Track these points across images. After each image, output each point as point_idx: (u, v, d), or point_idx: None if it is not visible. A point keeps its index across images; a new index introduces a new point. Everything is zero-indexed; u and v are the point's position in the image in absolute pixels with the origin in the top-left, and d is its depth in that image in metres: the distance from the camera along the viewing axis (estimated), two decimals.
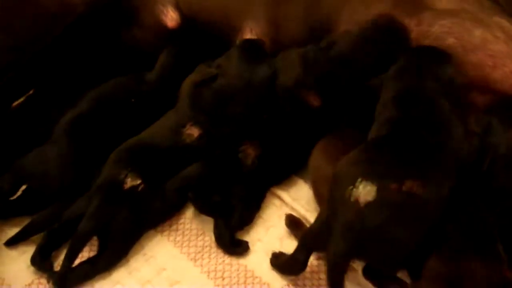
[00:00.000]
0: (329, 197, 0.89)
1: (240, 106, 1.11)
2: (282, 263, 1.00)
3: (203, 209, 1.07)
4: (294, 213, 1.09)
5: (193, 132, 1.08)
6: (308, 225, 1.04)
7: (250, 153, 1.09)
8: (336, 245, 0.84)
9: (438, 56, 1.01)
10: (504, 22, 1.07)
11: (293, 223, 1.07)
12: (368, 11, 1.13)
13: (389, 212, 0.82)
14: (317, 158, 1.09)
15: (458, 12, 1.08)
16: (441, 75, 0.98)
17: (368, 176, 0.83)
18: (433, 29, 1.08)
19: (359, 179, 0.83)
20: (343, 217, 0.84)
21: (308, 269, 0.96)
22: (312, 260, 0.99)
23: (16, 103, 1.26)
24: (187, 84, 1.14)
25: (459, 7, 1.09)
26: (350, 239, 0.83)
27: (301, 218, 1.08)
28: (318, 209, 1.07)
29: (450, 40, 1.06)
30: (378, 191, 0.82)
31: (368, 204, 0.82)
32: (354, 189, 0.83)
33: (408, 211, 0.82)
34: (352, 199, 0.83)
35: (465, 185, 0.88)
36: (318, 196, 1.08)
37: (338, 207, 0.85)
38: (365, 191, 0.82)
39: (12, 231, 1.07)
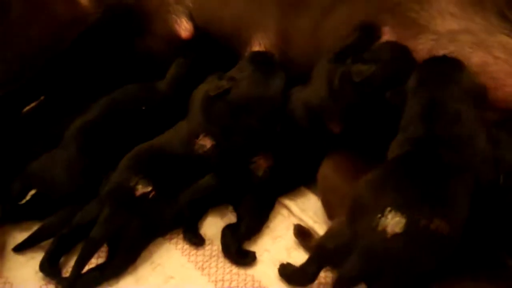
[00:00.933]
0: (350, 217, 0.88)
1: (253, 118, 1.11)
2: (290, 274, 1.00)
3: (188, 233, 1.08)
4: (302, 224, 1.10)
5: (206, 143, 1.08)
6: (316, 236, 1.05)
7: (261, 164, 1.10)
8: (353, 264, 0.84)
9: (453, 64, 1.02)
10: (509, 40, 1.07)
11: (301, 233, 1.07)
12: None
13: (415, 245, 0.82)
14: (326, 169, 1.10)
15: (460, 34, 1.08)
16: (462, 81, 0.98)
17: (398, 207, 0.83)
18: None
19: (388, 209, 0.83)
20: (365, 242, 0.84)
21: (315, 280, 0.97)
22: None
23: (26, 108, 1.27)
24: (199, 95, 1.14)
25: (463, 26, 1.08)
26: (369, 262, 0.84)
27: (309, 229, 1.08)
28: (326, 220, 1.09)
29: None
30: (407, 224, 0.82)
31: (395, 236, 0.82)
32: (383, 218, 0.83)
33: (431, 245, 0.83)
34: (379, 228, 0.83)
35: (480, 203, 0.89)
36: (327, 206, 1.09)
37: (361, 231, 0.85)
38: (393, 222, 0.82)
39: (21, 236, 1.07)
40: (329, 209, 1.08)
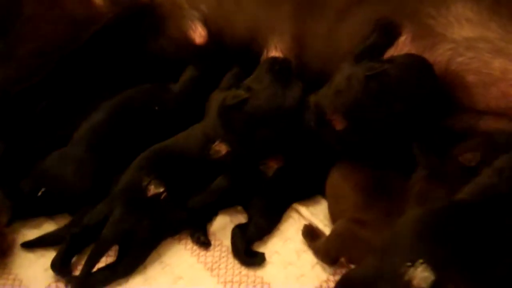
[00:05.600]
0: (382, 250, 0.85)
1: (269, 129, 1.11)
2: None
3: (196, 234, 1.08)
4: None
5: (221, 149, 1.09)
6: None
7: (272, 165, 1.11)
8: None
9: None
10: None
11: (310, 233, 1.08)
12: None
13: None
14: (334, 177, 1.11)
15: (477, 42, 1.08)
16: None
17: (431, 263, 0.78)
18: (452, 67, 1.09)
19: (421, 261, 0.78)
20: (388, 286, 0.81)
21: (324, 284, 1.00)
22: (329, 276, 1.02)
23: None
24: (217, 101, 1.13)
25: (480, 34, 1.08)
26: None
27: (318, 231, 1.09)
28: None
29: (470, 77, 1.08)
30: (435, 284, 0.77)
31: None
32: (412, 268, 0.78)
33: None
34: (405, 277, 0.78)
35: None
36: (332, 212, 1.10)
37: (387, 272, 0.81)
38: (422, 276, 0.78)
39: (31, 233, 1.08)
40: (334, 216, 1.08)
